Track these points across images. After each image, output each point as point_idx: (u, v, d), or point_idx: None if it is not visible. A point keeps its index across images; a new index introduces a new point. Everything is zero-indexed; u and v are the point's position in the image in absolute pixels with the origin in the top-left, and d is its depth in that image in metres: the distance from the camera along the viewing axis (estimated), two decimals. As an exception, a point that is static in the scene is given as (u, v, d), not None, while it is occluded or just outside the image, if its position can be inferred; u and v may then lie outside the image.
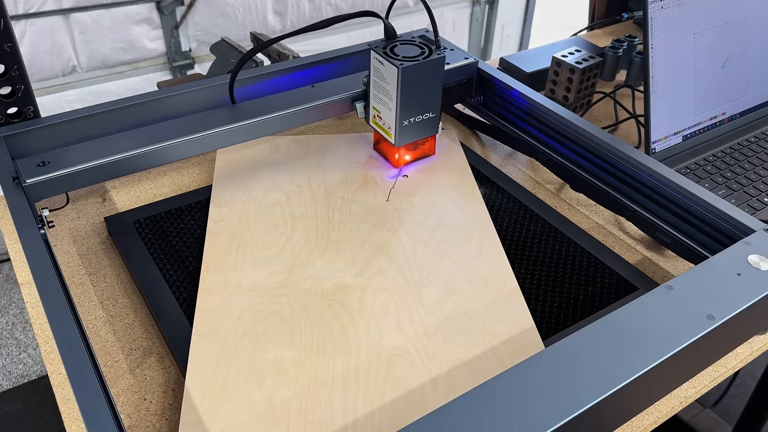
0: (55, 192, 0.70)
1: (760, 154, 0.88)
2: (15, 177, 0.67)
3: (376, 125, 0.82)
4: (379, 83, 0.77)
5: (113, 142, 0.74)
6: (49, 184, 0.69)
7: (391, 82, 0.75)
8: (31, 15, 1.64)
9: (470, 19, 2.52)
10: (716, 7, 0.88)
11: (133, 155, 0.73)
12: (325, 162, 0.84)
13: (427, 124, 0.80)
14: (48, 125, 0.74)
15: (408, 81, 0.74)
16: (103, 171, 0.72)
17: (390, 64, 0.74)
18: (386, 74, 0.75)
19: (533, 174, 0.87)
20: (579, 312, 0.66)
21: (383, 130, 0.80)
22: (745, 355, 0.64)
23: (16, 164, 0.69)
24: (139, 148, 0.73)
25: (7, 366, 1.65)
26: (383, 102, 0.78)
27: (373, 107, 0.81)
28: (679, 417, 1.43)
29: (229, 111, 0.81)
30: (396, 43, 0.77)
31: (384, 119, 0.79)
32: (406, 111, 0.77)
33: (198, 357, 0.58)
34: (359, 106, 0.84)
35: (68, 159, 0.71)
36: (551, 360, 0.48)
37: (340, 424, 0.53)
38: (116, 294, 0.67)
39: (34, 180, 0.68)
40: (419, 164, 0.84)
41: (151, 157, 0.74)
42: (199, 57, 1.95)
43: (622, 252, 0.74)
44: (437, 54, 0.75)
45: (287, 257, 0.70)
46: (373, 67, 0.77)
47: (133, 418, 0.56)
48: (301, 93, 0.85)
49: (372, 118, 0.82)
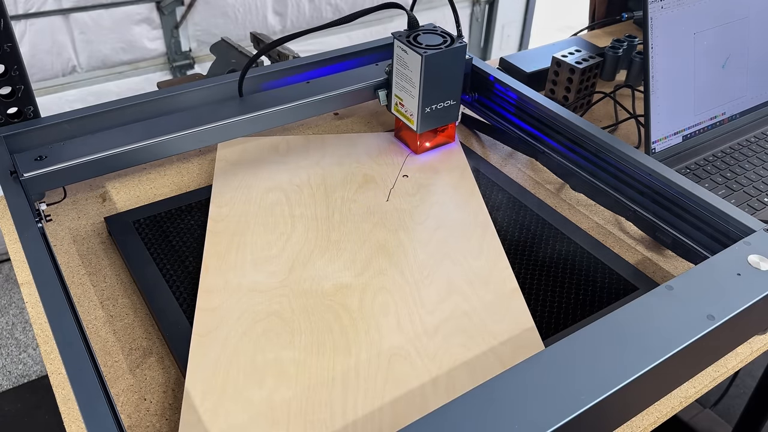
0: (52, 186, 0.70)
1: (760, 154, 0.88)
2: (12, 171, 0.67)
3: (398, 113, 0.85)
4: (402, 71, 0.80)
5: (112, 137, 0.74)
6: (47, 178, 0.69)
7: (415, 69, 0.77)
8: (31, 15, 1.64)
9: (470, 19, 2.52)
10: (716, 7, 0.88)
11: (132, 149, 0.73)
12: (325, 162, 0.84)
13: (448, 111, 0.83)
14: (48, 125, 0.75)
15: (431, 68, 0.77)
16: (102, 165, 0.72)
17: (414, 52, 0.76)
18: (410, 62, 0.78)
19: (533, 174, 0.87)
20: (579, 312, 0.66)
21: (405, 117, 0.83)
22: (745, 355, 0.64)
23: (14, 158, 0.69)
24: (138, 142, 0.73)
25: (7, 366, 1.65)
26: (406, 89, 0.81)
27: (395, 95, 0.84)
28: (679, 417, 1.43)
29: (239, 103, 0.82)
30: (419, 32, 0.79)
31: (406, 106, 0.82)
32: (429, 98, 0.79)
33: (198, 357, 0.58)
34: (382, 94, 0.87)
35: (66, 153, 0.71)
36: (551, 360, 0.48)
37: (340, 424, 0.53)
38: (116, 294, 0.67)
39: (32, 174, 0.68)
40: (420, 164, 0.84)
41: (150, 151, 0.74)
42: (199, 57, 1.95)
43: (622, 252, 0.74)
44: (459, 42, 0.78)
45: (287, 257, 0.70)
46: (396, 55, 0.80)
47: (133, 418, 0.56)
48: (318, 84, 0.87)
49: (394, 106, 0.85)
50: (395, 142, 0.88)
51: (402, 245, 0.72)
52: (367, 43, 0.96)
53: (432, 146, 0.87)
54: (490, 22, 2.57)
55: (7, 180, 0.67)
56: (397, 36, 0.79)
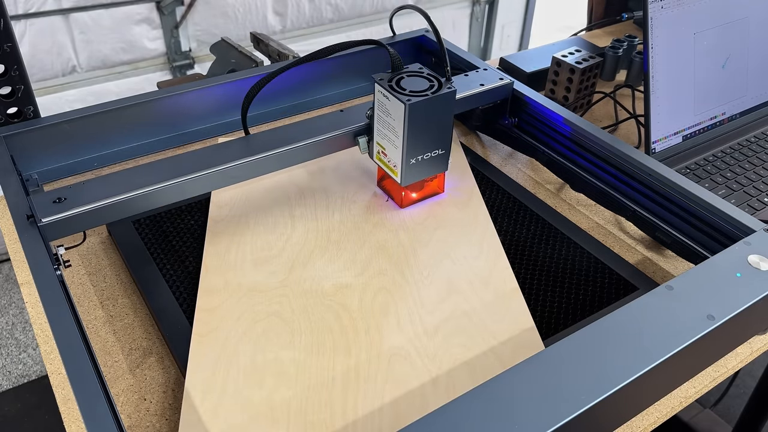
0: (71, 231, 0.64)
1: (760, 154, 0.88)
2: (29, 215, 0.61)
3: (380, 162, 0.75)
4: (383, 118, 0.71)
5: (131, 177, 0.67)
6: (66, 222, 0.62)
7: (398, 118, 0.69)
8: (31, 15, 1.64)
9: (470, 19, 2.52)
10: (716, 7, 0.88)
11: (152, 191, 0.66)
12: (326, 162, 0.84)
13: (436, 161, 0.74)
14: (48, 125, 0.75)
15: (416, 117, 0.68)
16: (122, 207, 0.65)
17: (396, 99, 0.68)
18: (392, 109, 0.69)
19: (533, 174, 0.87)
20: (579, 312, 0.66)
21: (388, 167, 0.74)
22: (745, 355, 0.64)
23: (31, 201, 0.63)
24: (158, 183, 0.66)
25: (7, 366, 1.65)
26: (388, 138, 0.72)
27: (377, 143, 0.75)
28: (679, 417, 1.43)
29: (243, 144, 0.73)
30: (402, 75, 0.71)
31: (389, 156, 0.73)
32: (414, 149, 0.71)
33: (198, 357, 0.58)
34: (362, 141, 0.76)
35: (86, 195, 0.64)
36: (551, 360, 0.48)
37: (340, 424, 0.53)
38: (116, 294, 0.67)
39: (51, 219, 0.61)
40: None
41: (171, 192, 0.67)
42: (199, 57, 1.95)
43: (622, 252, 0.74)
44: (447, 87, 0.69)
45: (287, 257, 0.70)
46: (378, 100, 0.71)
47: (133, 418, 0.56)
48: (308, 124, 0.76)
49: (376, 154, 0.76)
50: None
51: (402, 245, 0.72)
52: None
53: (419, 198, 0.78)
54: (490, 22, 2.57)
55: (24, 224, 0.61)
56: (378, 80, 0.70)
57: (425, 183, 0.77)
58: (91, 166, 0.79)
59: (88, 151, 0.79)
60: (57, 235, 0.62)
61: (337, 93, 0.97)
